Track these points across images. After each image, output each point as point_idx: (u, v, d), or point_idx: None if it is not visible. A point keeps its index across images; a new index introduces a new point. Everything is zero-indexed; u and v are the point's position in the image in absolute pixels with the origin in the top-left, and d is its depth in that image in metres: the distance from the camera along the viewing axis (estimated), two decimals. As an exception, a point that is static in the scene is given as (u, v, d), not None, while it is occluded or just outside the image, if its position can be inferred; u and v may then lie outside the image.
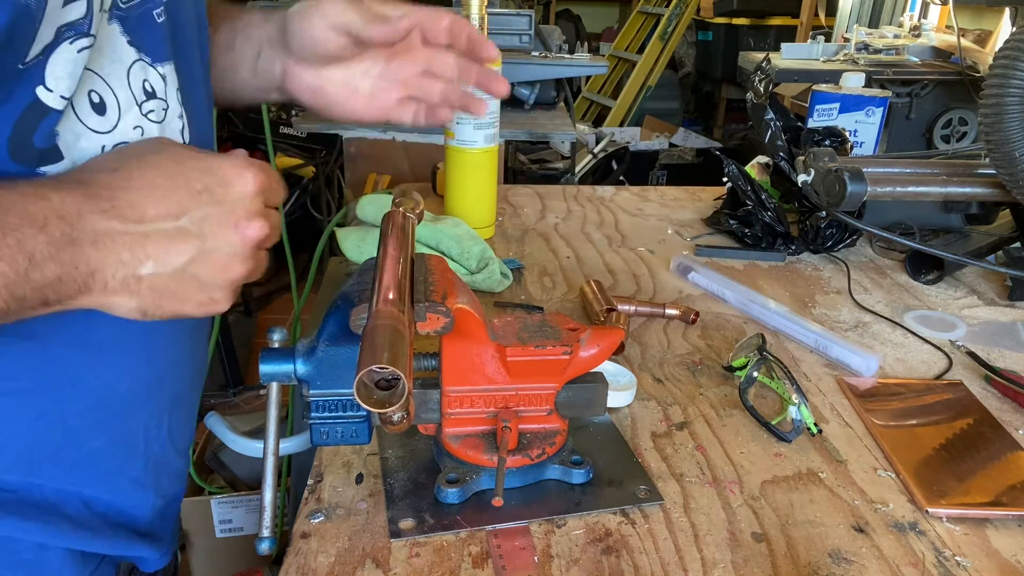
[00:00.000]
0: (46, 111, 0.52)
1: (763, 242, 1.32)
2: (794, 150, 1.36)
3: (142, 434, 0.69)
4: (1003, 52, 1.08)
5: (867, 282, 1.23)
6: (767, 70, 1.36)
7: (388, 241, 0.68)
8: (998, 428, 0.84)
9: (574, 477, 0.72)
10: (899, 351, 1.02)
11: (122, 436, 0.67)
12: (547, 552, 0.65)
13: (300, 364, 0.64)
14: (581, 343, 0.70)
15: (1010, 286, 1.19)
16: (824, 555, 0.65)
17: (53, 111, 0.53)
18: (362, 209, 1.19)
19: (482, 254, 1.14)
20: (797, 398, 0.80)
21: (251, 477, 2.04)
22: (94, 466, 0.65)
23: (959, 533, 0.69)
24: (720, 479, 0.75)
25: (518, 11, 2.14)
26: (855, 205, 1.19)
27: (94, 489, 0.66)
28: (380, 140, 2.01)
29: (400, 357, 0.50)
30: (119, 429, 0.67)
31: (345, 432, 0.65)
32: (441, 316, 0.60)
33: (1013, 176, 1.14)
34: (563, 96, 2.32)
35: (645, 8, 5.79)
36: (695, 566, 0.64)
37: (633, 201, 1.60)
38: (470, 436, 0.72)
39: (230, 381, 2.82)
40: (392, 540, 0.65)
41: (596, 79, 5.74)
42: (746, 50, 4.36)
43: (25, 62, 0.50)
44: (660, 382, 0.91)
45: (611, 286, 1.17)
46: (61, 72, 0.52)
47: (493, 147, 1.28)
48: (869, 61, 3.02)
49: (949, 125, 2.99)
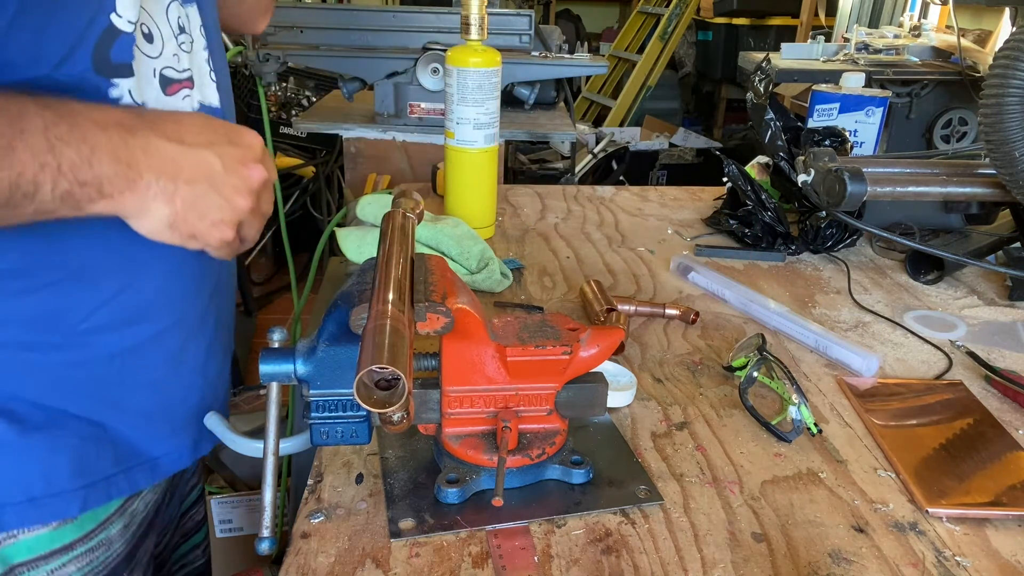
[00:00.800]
0: (118, 33, 0.65)
1: (763, 242, 1.32)
2: (794, 150, 1.36)
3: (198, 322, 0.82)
4: (1003, 52, 1.08)
5: (867, 282, 1.23)
6: (767, 70, 1.36)
7: (388, 241, 0.68)
8: (998, 428, 0.84)
9: (574, 477, 0.72)
10: (899, 351, 1.02)
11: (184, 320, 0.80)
12: (547, 552, 0.65)
13: (300, 364, 0.64)
14: (581, 343, 0.70)
15: (1010, 286, 1.19)
16: (824, 555, 0.65)
17: (124, 33, 0.66)
18: (362, 209, 1.19)
19: (482, 254, 1.14)
20: (797, 398, 0.80)
21: (251, 477, 2.04)
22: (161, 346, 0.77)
23: (959, 533, 0.69)
24: (720, 479, 0.75)
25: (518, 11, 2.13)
26: (855, 205, 1.19)
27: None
28: (380, 140, 2.01)
29: (400, 357, 0.50)
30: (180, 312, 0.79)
31: (345, 432, 0.65)
32: (441, 316, 0.60)
33: (1013, 176, 1.14)
34: (563, 96, 2.32)
35: (645, 8, 5.79)
36: (695, 566, 0.64)
37: (633, 201, 1.60)
38: (470, 436, 0.72)
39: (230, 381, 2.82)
40: (392, 540, 0.65)
41: (596, 79, 5.74)
42: (746, 50, 4.36)
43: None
44: (660, 382, 0.91)
45: (611, 286, 1.17)
46: (127, 2, 0.66)
47: (493, 147, 1.28)
48: (869, 61, 3.02)
49: (949, 125, 2.99)
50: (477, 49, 1.20)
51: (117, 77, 0.66)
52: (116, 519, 0.78)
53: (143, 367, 0.76)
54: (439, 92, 1.92)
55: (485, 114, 1.23)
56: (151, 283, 0.75)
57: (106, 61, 0.65)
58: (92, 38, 0.64)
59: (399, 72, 1.96)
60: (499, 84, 1.24)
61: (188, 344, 0.81)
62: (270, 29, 1.98)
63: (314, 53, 2.01)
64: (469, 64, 1.20)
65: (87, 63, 0.64)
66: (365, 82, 2.02)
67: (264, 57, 1.91)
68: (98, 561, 0.76)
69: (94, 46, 0.64)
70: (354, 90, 2.04)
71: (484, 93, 1.22)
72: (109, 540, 0.77)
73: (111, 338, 0.73)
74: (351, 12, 2.03)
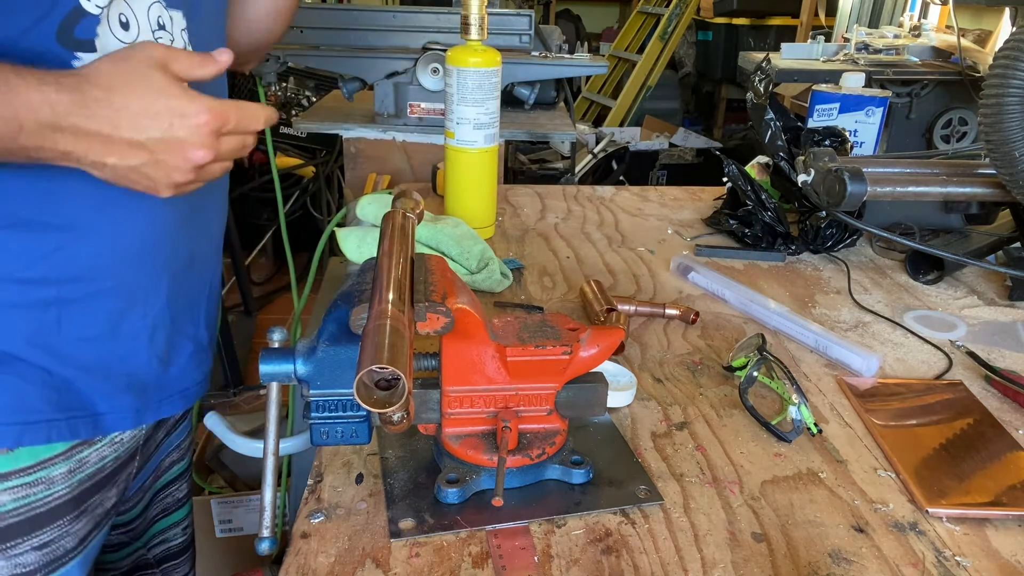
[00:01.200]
0: (84, 14, 0.71)
1: (763, 242, 1.32)
2: (794, 150, 1.36)
3: (142, 291, 0.84)
4: (1003, 52, 1.08)
5: (867, 282, 1.23)
6: (767, 70, 1.36)
7: (388, 241, 0.68)
8: (998, 428, 0.84)
9: (574, 477, 0.72)
10: (899, 351, 1.02)
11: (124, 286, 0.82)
12: (547, 552, 0.65)
13: (300, 364, 0.64)
14: (581, 343, 0.70)
15: (1010, 286, 1.19)
16: (824, 555, 0.65)
17: (90, 15, 0.72)
18: (362, 209, 1.19)
19: (482, 254, 1.14)
20: (797, 398, 0.80)
21: (251, 477, 2.04)
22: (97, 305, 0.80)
23: (959, 533, 0.69)
24: (720, 479, 0.75)
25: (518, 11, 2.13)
26: (855, 205, 1.19)
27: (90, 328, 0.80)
28: (380, 140, 2.01)
29: (400, 357, 0.50)
30: (120, 278, 0.81)
31: (345, 432, 0.65)
32: (441, 316, 0.60)
33: (1013, 176, 1.14)
34: (563, 96, 2.31)
35: (645, 8, 5.78)
36: (695, 566, 0.64)
37: (633, 201, 1.60)
38: (470, 436, 0.72)
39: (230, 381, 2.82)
40: (392, 540, 0.65)
41: (596, 79, 5.74)
42: (746, 50, 4.36)
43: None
44: (660, 382, 0.91)
45: (611, 286, 1.17)
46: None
47: (493, 147, 1.28)
48: (869, 61, 3.02)
49: (949, 125, 2.99)
50: (477, 49, 1.20)
51: (80, 51, 0.71)
52: (60, 462, 0.81)
53: (79, 322, 0.79)
54: (439, 92, 1.92)
55: (485, 114, 1.23)
56: (89, 246, 0.78)
57: (69, 36, 0.71)
58: (58, 15, 0.69)
59: (399, 72, 1.96)
60: (499, 84, 1.24)
61: (129, 311, 0.83)
62: (270, 29, 1.98)
63: (314, 53, 2.01)
64: (469, 64, 1.20)
65: (51, 36, 0.69)
66: (365, 82, 2.02)
67: (264, 57, 1.91)
68: (35, 497, 0.80)
69: (59, 23, 0.69)
70: (354, 90, 2.04)
71: (484, 93, 1.22)
72: (50, 480, 0.80)
73: (48, 290, 0.76)
74: (351, 12, 2.03)
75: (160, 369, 0.88)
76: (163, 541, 1.07)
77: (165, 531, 1.07)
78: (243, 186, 3.57)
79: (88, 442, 0.83)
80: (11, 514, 0.78)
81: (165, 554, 1.08)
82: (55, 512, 0.82)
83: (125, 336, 0.84)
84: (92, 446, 0.84)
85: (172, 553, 1.09)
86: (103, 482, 0.87)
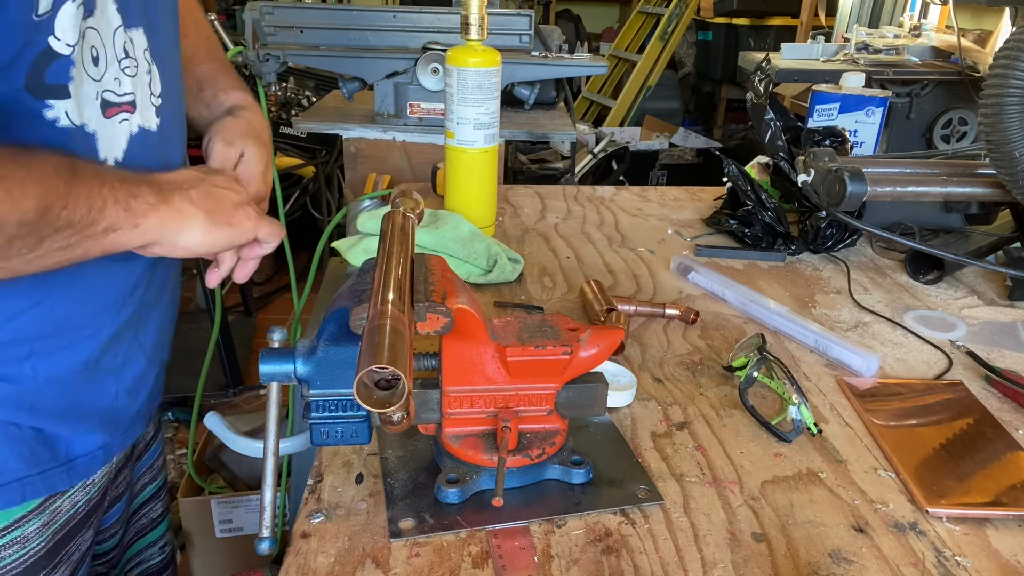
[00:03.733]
0: (55, 55, 0.65)
1: (763, 242, 1.32)
2: (794, 150, 1.36)
3: (116, 334, 0.83)
4: (1003, 52, 1.08)
5: (867, 282, 1.23)
6: (767, 70, 1.36)
7: (388, 241, 0.68)
8: (998, 428, 0.84)
9: (574, 477, 0.72)
10: (899, 351, 1.02)
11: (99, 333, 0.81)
12: (547, 552, 0.65)
13: (300, 364, 0.64)
14: (581, 343, 0.70)
15: (1010, 286, 1.19)
16: (824, 555, 0.65)
17: (62, 56, 0.66)
18: (362, 225, 1.19)
19: (488, 251, 1.14)
20: (797, 398, 0.80)
21: (251, 477, 2.04)
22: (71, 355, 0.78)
23: (959, 533, 0.69)
24: (720, 479, 0.75)
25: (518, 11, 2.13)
26: (855, 205, 1.19)
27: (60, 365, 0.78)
28: (380, 140, 2.01)
29: (400, 357, 0.50)
30: (96, 326, 0.80)
31: (345, 432, 0.65)
32: (441, 316, 0.60)
33: (1013, 176, 1.14)
34: (563, 96, 2.32)
35: (645, 8, 5.78)
36: (695, 566, 0.64)
37: (633, 201, 1.60)
38: (470, 436, 0.72)
39: (230, 381, 2.82)
40: (392, 540, 0.65)
41: (596, 79, 5.74)
42: (746, 50, 4.36)
43: (39, 15, 0.63)
44: (660, 382, 0.91)
45: (611, 286, 1.17)
46: (67, 25, 0.65)
47: (493, 147, 1.28)
48: (869, 61, 3.02)
49: (949, 125, 2.99)
50: (477, 49, 1.20)
51: (52, 98, 0.67)
52: (33, 517, 0.78)
53: (54, 372, 0.77)
54: (439, 92, 1.92)
55: (485, 114, 1.23)
56: (65, 302, 0.75)
57: (39, 83, 0.65)
58: (27, 60, 0.64)
59: (399, 72, 1.96)
60: (499, 84, 1.24)
61: (103, 354, 0.81)
62: (270, 29, 1.98)
63: (314, 53, 2.01)
64: (469, 64, 1.20)
65: (19, 83, 0.64)
66: (365, 82, 2.02)
67: (264, 57, 1.91)
68: (11, 558, 0.77)
69: (28, 68, 0.64)
70: (354, 90, 2.04)
71: (484, 93, 1.22)
72: (25, 538, 0.78)
73: (21, 348, 0.74)
74: (351, 12, 2.03)
75: (129, 401, 0.87)
76: (139, 563, 1.05)
77: (140, 552, 1.05)
78: (243, 186, 3.56)
79: (61, 492, 0.81)
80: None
81: (144, 575, 1.06)
82: (31, 569, 0.79)
83: (99, 376, 0.82)
84: (65, 495, 0.81)
85: (152, 572, 1.07)
86: (76, 528, 0.85)
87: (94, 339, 0.80)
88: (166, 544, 1.09)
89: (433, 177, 1.54)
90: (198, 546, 1.92)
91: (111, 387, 0.84)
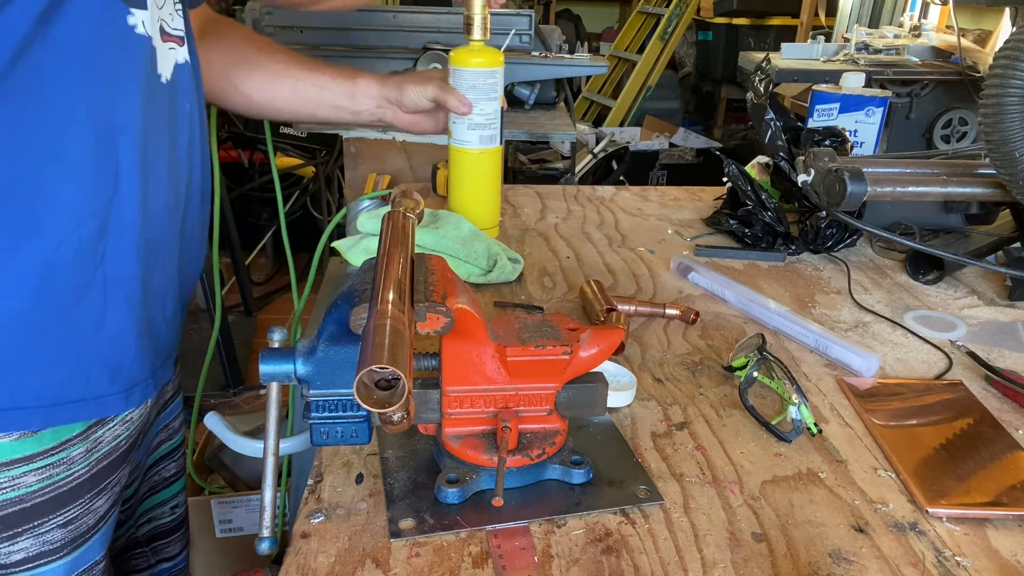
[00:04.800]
0: None
1: (763, 242, 1.32)
2: (794, 150, 1.36)
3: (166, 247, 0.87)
4: (1003, 52, 1.08)
5: (867, 282, 1.23)
6: (767, 70, 1.36)
7: (388, 241, 0.68)
8: (998, 428, 0.84)
9: (574, 477, 0.72)
10: (899, 351, 1.02)
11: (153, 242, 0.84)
12: (547, 552, 0.65)
13: (300, 364, 0.64)
14: (581, 343, 0.70)
15: (1010, 286, 1.19)
16: (824, 555, 0.65)
17: None
18: (363, 225, 1.19)
19: (488, 251, 1.14)
20: (797, 398, 0.80)
21: (251, 477, 2.04)
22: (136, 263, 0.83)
23: (959, 533, 0.69)
24: (720, 479, 0.75)
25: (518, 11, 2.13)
26: (855, 205, 1.19)
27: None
28: (380, 140, 2.01)
29: (400, 357, 0.50)
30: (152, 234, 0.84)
31: (345, 432, 0.65)
32: (441, 316, 0.60)
33: (1013, 176, 1.14)
34: (563, 96, 2.31)
35: (645, 8, 5.79)
36: (695, 566, 0.64)
37: (633, 201, 1.60)
38: (470, 436, 0.72)
39: (230, 381, 2.82)
40: (392, 540, 0.65)
41: (596, 79, 5.74)
42: (746, 50, 4.36)
43: None
44: (660, 382, 0.91)
45: (611, 286, 1.17)
46: None
47: (496, 148, 1.27)
48: (869, 61, 3.02)
49: (949, 125, 2.99)
50: (479, 49, 1.20)
51: (134, 7, 0.75)
52: (78, 442, 0.83)
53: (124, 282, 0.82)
54: (439, 92, 1.91)
55: (487, 115, 1.23)
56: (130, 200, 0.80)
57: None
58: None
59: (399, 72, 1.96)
60: (501, 84, 1.24)
61: (153, 270, 0.85)
62: (271, 29, 1.98)
63: (314, 53, 2.01)
64: (471, 64, 1.20)
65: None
66: (365, 82, 2.01)
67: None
68: (58, 477, 0.82)
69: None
70: (354, 90, 2.03)
71: (486, 93, 1.22)
72: (71, 460, 0.83)
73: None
74: (351, 12, 2.03)
75: (166, 329, 0.91)
76: (151, 519, 1.08)
77: (152, 509, 1.07)
78: (243, 186, 3.57)
79: (101, 422, 0.85)
80: (37, 494, 0.80)
81: (153, 533, 1.08)
82: (76, 491, 0.84)
83: (153, 297, 0.86)
84: (105, 426, 0.86)
85: (161, 532, 1.09)
86: (117, 461, 0.89)
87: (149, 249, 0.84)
88: (177, 506, 1.12)
89: (433, 177, 1.54)
90: (198, 546, 1.92)
91: (159, 311, 0.88)
